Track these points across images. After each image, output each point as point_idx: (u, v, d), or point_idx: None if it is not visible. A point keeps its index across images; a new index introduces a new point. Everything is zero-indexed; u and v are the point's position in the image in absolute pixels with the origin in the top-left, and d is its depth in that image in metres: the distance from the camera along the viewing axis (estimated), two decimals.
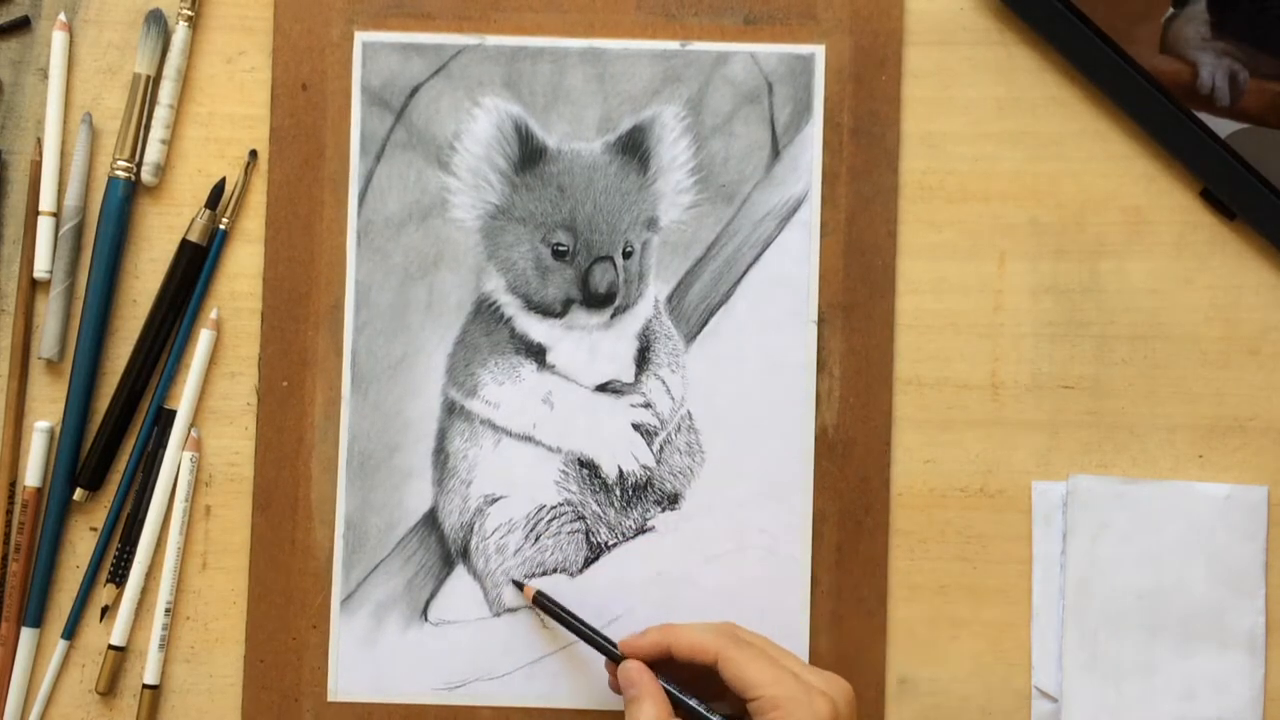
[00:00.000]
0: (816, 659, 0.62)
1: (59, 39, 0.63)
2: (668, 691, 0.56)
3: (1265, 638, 0.62)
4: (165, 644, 0.62)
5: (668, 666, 0.57)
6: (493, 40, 0.63)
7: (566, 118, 0.63)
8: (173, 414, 0.63)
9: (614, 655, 0.58)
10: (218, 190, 0.63)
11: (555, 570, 0.62)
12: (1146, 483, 0.62)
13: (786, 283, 0.63)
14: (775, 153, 0.63)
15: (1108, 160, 0.64)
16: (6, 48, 0.64)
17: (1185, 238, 0.64)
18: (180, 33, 0.63)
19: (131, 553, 0.62)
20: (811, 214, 0.63)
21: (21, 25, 0.64)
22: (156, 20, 0.63)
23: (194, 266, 0.63)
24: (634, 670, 0.56)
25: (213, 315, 0.63)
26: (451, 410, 0.63)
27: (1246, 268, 0.63)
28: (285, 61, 0.63)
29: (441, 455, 0.62)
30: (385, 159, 0.63)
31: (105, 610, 0.62)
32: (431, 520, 0.62)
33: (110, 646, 0.62)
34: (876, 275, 0.63)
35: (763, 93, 0.63)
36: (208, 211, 0.63)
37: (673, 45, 0.63)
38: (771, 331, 0.63)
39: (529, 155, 0.63)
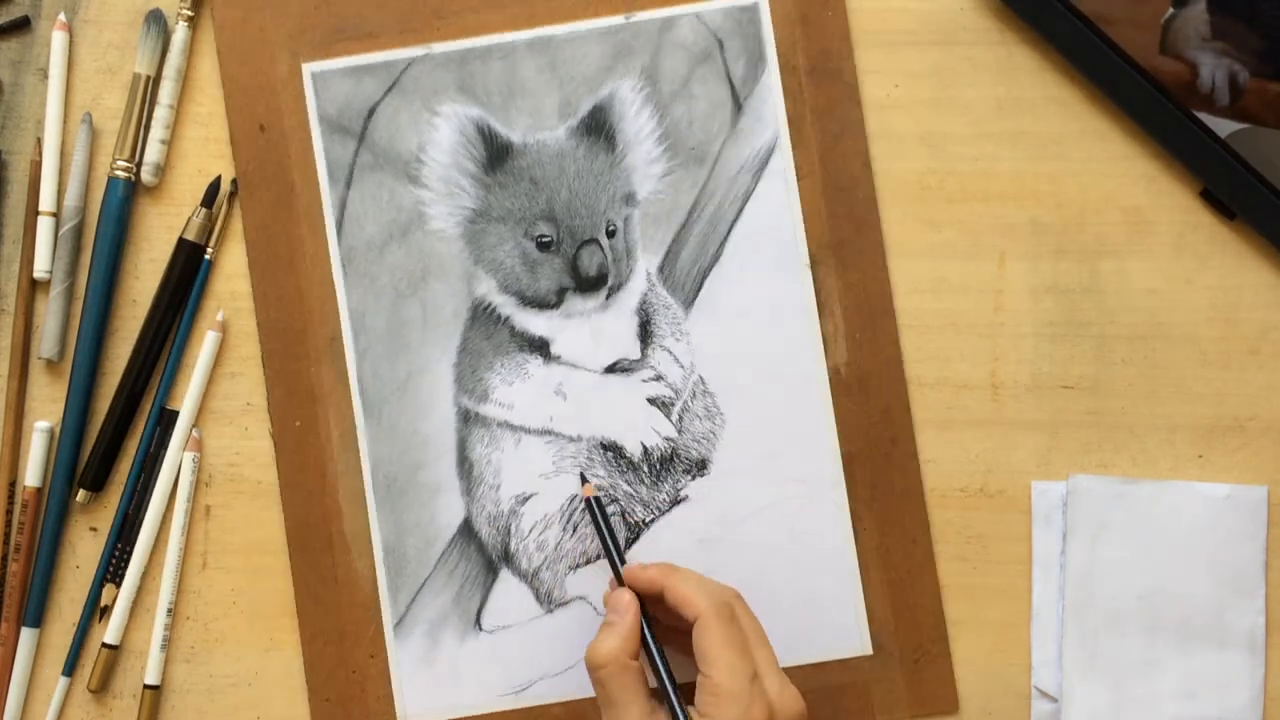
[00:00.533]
0: (871, 593, 0.62)
1: (59, 39, 0.63)
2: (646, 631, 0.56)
3: (1265, 638, 0.62)
4: (166, 644, 0.62)
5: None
6: (440, 48, 0.63)
7: (526, 110, 0.63)
8: (173, 414, 0.63)
9: (620, 578, 0.58)
10: (213, 189, 0.63)
11: (599, 557, 0.62)
12: (1146, 483, 0.62)
13: (772, 232, 0.63)
14: (737, 106, 0.63)
15: (1108, 160, 0.64)
16: (6, 48, 0.63)
17: (1185, 238, 0.64)
18: (180, 33, 0.63)
19: (129, 552, 0.62)
20: (784, 160, 0.63)
21: (21, 25, 0.63)
22: (156, 20, 0.63)
23: (191, 265, 0.63)
24: (624, 601, 0.56)
25: (219, 317, 0.63)
26: (467, 419, 0.62)
27: (1246, 268, 0.63)
28: (238, 106, 0.63)
29: (465, 465, 0.62)
30: (355, 184, 0.63)
31: (104, 610, 0.62)
32: (467, 531, 0.62)
33: (104, 645, 0.62)
34: (859, 209, 0.63)
35: (714, 50, 0.63)
36: (204, 210, 0.63)
37: (617, 20, 0.63)
38: (767, 283, 0.63)
39: (496, 154, 0.63)
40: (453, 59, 0.63)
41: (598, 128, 0.63)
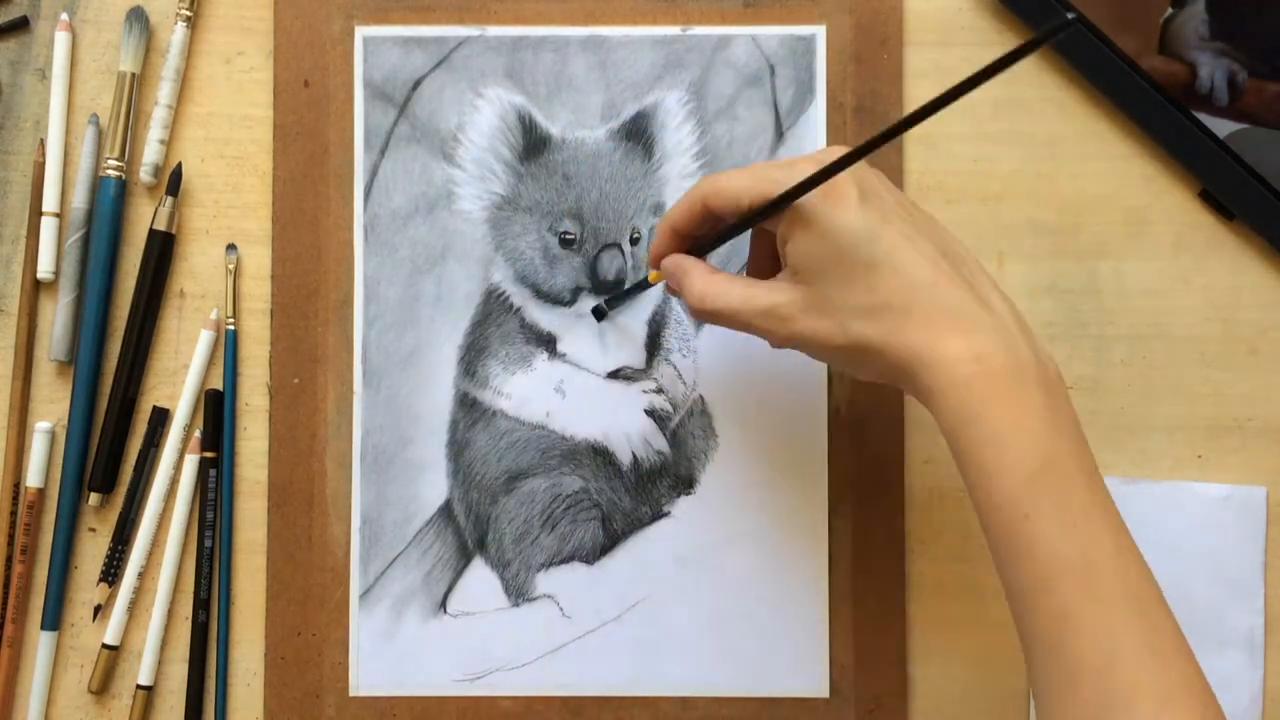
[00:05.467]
0: (836, 637, 0.62)
1: (62, 39, 0.63)
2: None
3: (1264, 638, 0.62)
4: (164, 644, 0.62)
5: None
6: (493, 31, 0.63)
7: (570, 106, 0.63)
8: (168, 413, 0.63)
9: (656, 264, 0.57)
10: (176, 176, 0.63)
11: (573, 558, 0.62)
12: (1146, 483, 0.62)
13: None
14: (779, 135, 0.63)
15: (1107, 160, 0.63)
16: (5, 48, 0.63)
17: (1184, 238, 0.63)
18: (179, 33, 0.63)
19: (125, 552, 0.62)
20: None
21: (20, 25, 0.63)
22: (138, 17, 0.63)
23: (165, 256, 0.63)
24: (673, 260, 0.55)
25: (212, 316, 0.63)
26: (463, 402, 0.62)
27: (1245, 268, 0.63)
28: (286, 58, 0.63)
29: (455, 447, 0.62)
30: (390, 153, 0.63)
31: (98, 609, 0.62)
32: (447, 512, 0.62)
33: (104, 645, 0.62)
34: None
35: (765, 75, 0.63)
36: (169, 199, 0.63)
37: (673, 30, 0.63)
38: None
39: (533, 145, 0.63)
40: (505, 44, 0.63)
41: (638, 134, 0.63)
